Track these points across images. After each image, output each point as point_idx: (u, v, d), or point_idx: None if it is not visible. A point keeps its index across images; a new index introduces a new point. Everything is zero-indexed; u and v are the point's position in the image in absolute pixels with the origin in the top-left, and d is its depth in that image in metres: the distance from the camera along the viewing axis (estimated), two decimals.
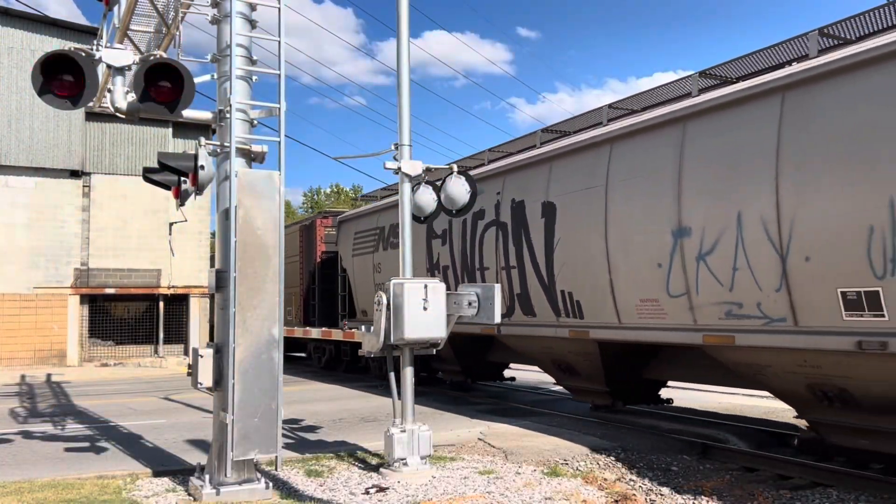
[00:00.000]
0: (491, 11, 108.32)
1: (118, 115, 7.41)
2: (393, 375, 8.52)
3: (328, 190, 70.10)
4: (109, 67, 7.28)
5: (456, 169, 9.24)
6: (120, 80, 7.29)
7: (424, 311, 8.27)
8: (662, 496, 7.51)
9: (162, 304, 26.67)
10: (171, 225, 26.38)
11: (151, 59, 6.95)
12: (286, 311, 16.95)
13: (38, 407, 14.40)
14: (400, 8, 8.79)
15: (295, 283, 22.03)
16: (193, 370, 7.32)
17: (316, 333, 19.73)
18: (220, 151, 7.48)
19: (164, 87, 6.94)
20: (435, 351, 8.71)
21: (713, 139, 8.61)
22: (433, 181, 9.50)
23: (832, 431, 8.17)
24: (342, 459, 9.02)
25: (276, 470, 7.90)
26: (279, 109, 7.43)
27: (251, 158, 7.59)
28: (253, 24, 7.67)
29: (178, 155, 8.00)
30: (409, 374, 8.55)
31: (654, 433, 10.59)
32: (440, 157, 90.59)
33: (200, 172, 7.17)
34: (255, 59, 7.64)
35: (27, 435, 10.84)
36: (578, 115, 11.80)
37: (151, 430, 11.15)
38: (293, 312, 22.38)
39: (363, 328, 8.72)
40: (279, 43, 7.51)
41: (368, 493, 7.48)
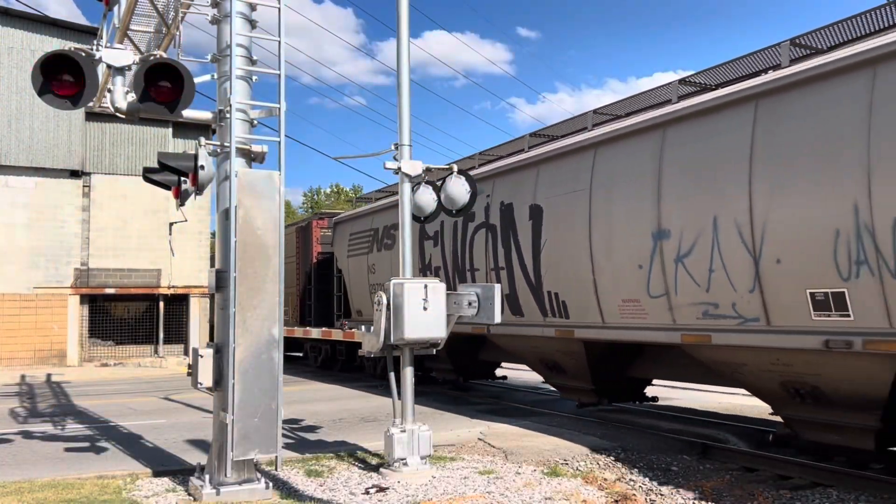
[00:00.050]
0: (491, 11, 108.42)
1: (118, 115, 7.42)
2: (393, 375, 8.52)
3: (328, 190, 70.14)
4: (109, 67, 7.28)
5: (456, 169, 9.25)
6: (120, 80, 7.30)
7: (424, 311, 8.27)
8: (662, 496, 7.51)
9: (162, 304, 26.67)
10: (171, 225, 26.39)
11: (151, 59, 6.96)
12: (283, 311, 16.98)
13: (38, 407, 14.40)
14: (400, 8, 8.80)
15: (291, 283, 22.07)
16: (193, 370, 7.32)
17: (316, 333, 19.75)
18: (220, 151, 7.48)
19: (164, 87, 6.94)
20: (435, 351, 8.72)
21: (691, 145, 8.83)
22: (433, 181, 9.50)
23: (805, 427, 8.38)
24: (342, 459, 9.03)
25: (276, 470, 7.91)
26: (279, 109, 7.43)
27: (251, 158, 7.59)
28: (253, 24, 7.67)
29: (178, 155, 8.00)
30: (409, 374, 8.55)
31: (654, 433, 10.60)
32: (440, 157, 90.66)
33: (200, 172, 7.17)
34: (255, 59, 7.65)
35: (27, 435, 10.84)
36: (565, 120, 12.06)
37: (151, 430, 11.15)
38: (290, 312, 22.41)
39: (363, 328, 8.72)
40: (279, 43, 7.52)
41: (368, 493, 7.48)
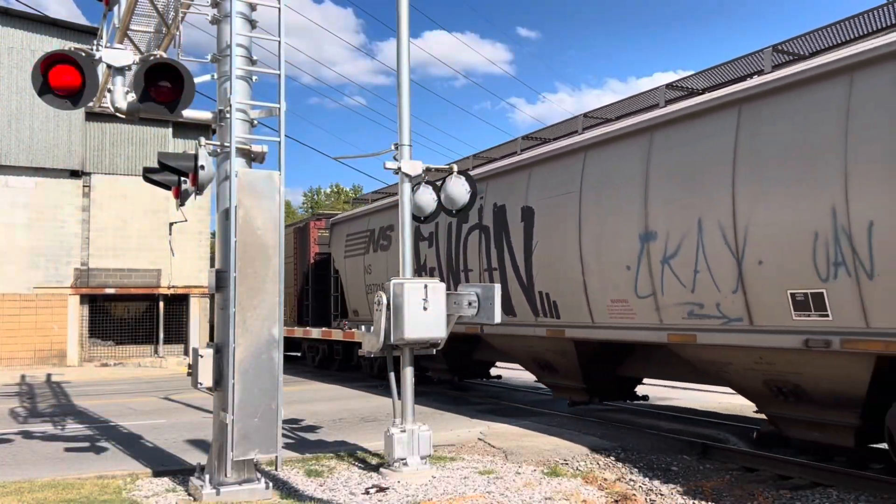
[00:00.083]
0: (491, 11, 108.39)
1: (118, 115, 7.41)
2: (393, 375, 8.52)
3: (328, 190, 70.06)
4: (109, 67, 7.28)
5: (456, 169, 9.25)
6: (120, 80, 7.30)
7: (424, 311, 8.27)
8: (662, 496, 7.51)
9: (162, 304, 26.67)
10: (171, 225, 26.40)
11: (151, 59, 6.96)
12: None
13: (38, 407, 14.40)
14: (400, 8, 8.80)
15: (289, 283, 22.13)
16: (193, 370, 7.32)
17: (316, 333, 19.77)
18: (220, 151, 7.48)
19: (164, 87, 6.94)
20: (435, 351, 8.71)
21: (677, 148, 9.03)
22: (433, 181, 9.50)
23: (788, 425, 8.57)
24: (342, 459, 9.03)
25: (276, 470, 7.91)
26: (279, 109, 7.43)
27: (251, 158, 7.59)
28: (253, 24, 7.67)
29: (178, 155, 8.00)
30: (409, 374, 8.55)
31: (654, 433, 10.60)
32: (440, 157, 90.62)
33: (200, 172, 7.17)
34: (255, 59, 7.64)
35: (27, 435, 10.84)
36: (556, 123, 12.27)
37: (151, 430, 11.15)
38: (287, 312, 22.46)
39: (363, 328, 8.72)
40: (279, 43, 7.52)
41: (368, 493, 7.48)
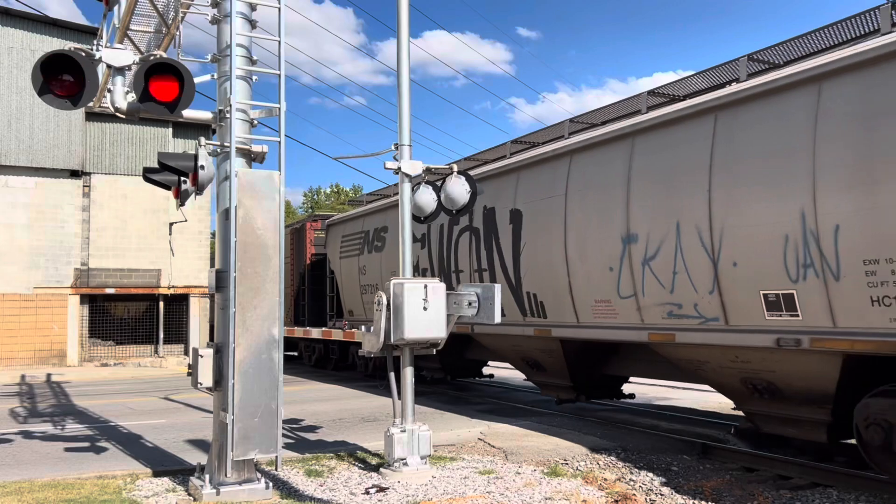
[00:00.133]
0: (491, 11, 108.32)
1: (118, 115, 7.41)
2: (393, 375, 8.52)
3: (328, 190, 70.04)
4: (109, 67, 7.28)
5: (456, 169, 9.25)
6: (120, 80, 7.29)
7: (424, 311, 8.28)
8: (662, 496, 7.51)
9: (162, 304, 26.67)
10: (171, 225, 26.41)
11: (151, 59, 6.96)
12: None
13: (38, 407, 14.40)
14: (400, 8, 8.79)
15: (286, 283, 22.15)
16: (193, 370, 7.32)
17: (316, 333, 19.81)
18: (220, 151, 7.48)
19: (164, 87, 6.93)
20: (435, 351, 8.71)
21: (657, 154, 9.34)
22: (433, 181, 9.50)
23: (765, 421, 8.82)
24: (342, 459, 9.03)
25: (276, 470, 7.91)
26: (279, 109, 7.43)
27: (251, 158, 7.59)
28: (253, 24, 7.67)
29: (178, 155, 8.00)
30: (409, 374, 8.55)
31: (654, 433, 10.60)
32: (440, 157, 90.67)
33: (200, 172, 7.16)
34: (255, 59, 7.64)
35: (27, 435, 10.84)
36: (544, 127, 12.58)
37: (151, 430, 11.15)
38: (284, 312, 22.57)
39: (363, 328, 8.72)
40: (279, 43, 7.51)
41: (368, 493, 7.48)
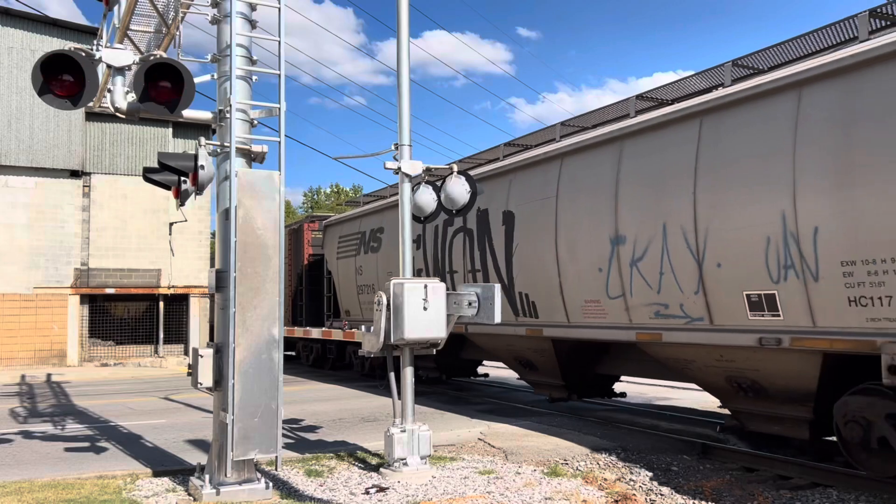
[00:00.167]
0: (491, 11, 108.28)
1: (118, 115, 7.41)
2: (392, 375, 8.52)
3: (328, 190, 70.01)
4: (109, 67, 7.27)
5: (456, 169, 9.25)
6: (120, 80, 7.29)
7: (424, 311, 8.27)
8: (662, 496, 7.51)
9: (162, 304, 26.67)
10: (171, 225, 26.40)
11: (151, 59, 6.95)
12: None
13: (38, 407, 14.40)
14: (400, 8, 8.79)
15: (284, 284, 22.28)
16: (193, 370, 7.32)
17: (316, 333, 19.82)
18: (220, 151, 7.48)
19: (164, 87, 6.94)
20: (435, 351, 8.71)
21: (645, 157, 9.55)
22: (433, 181, 9.50)
23: (750, 419, 9.00)
24: (342, 459, 9.03)
25: (276, 470, 7.91)
26: (279, 109, 7.43)
27: (251, 158, 7.59)
28: (253, 24, 7.66)
29: (178, 155, 8.00)
30: (409, 374, 8.55)
31: (654, 433, 10.61)
32: (440, 157, 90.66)
33: (200, 172, 7.16)
34: (255, 59, 7.64)
35: (27, 435, 10.84)
36: (536, 130, 12.85)
37: (151, 430, 11.15)
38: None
39: (363, 328, 8.72)
40: (279, 43, 7.51)
41: (368, 493, 7.48)
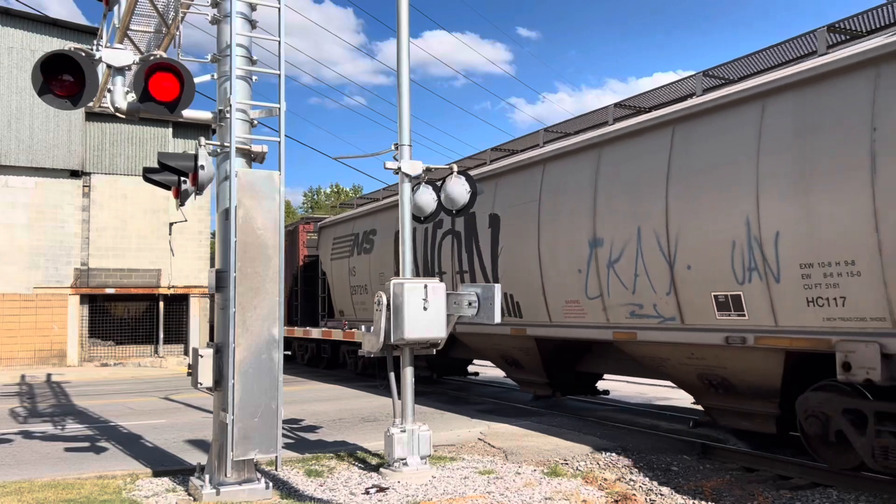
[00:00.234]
0: (491, 11, 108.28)
1: (118, 115, 7.40)
2: (392, 375, 8.51)
3: (328, 190, 69.97)
4: (109, 67, 7.27)
5: (456, 169, 9.25)
6: (120, 80, 7.29)
7: (424, 311, 8.27)
8: (662, 496, 7.51)
9: (162, 304, 26.66)
10: (171, 225, 26.40)
11: (151, 59, 6.95)
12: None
13: (38, 407, 14.40)
14: (400, 8, 8.79)
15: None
16: (193, 370, 7.32)
17: (317, 333, 19.84)
18: (220, 151, 7.48)
19: (162, 86, 6.92)
20: (435, 351, 8.71)
21: (621, 164, 9.94)
22: (433, 181, 9.50)
23: (721, 415, 9.35)
24: (342, 459, 9.03)
25: (276, 470, 7.91)
26: (279, 109, 7.42)
27: (251, 158, 7.59)
28: (253, 24, 7.66)
29: (178, 155, 7.99)
30: (409, 374, 8.55)
31: (654, 433, 10.60)
32: (440, 157, 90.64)
33: (200, 172, 7.16)
34: (255, 59, 7.64)
35: (27, 435, 10.84)
36: (520, 136, 13.18)
37: (151, 430, 11.15)
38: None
39: (363, 328, 8.71)
40: (279, 43, 7.51)
41: (368, 493, 7.48)
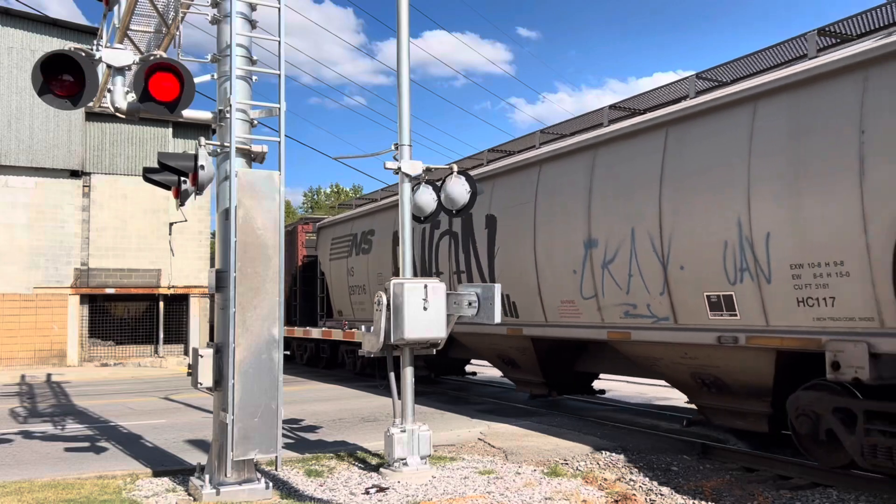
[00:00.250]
0: (491, 11, 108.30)
1: (118, 115, 7.40)
2: (392, 375, 8.51)
3: (328, 190, 69.97)
4: (109, 67, 7.27)
5: (456, 169, 9.24)
6: (120, 80, 7.29)
7: (424, 311, 8.26)
8: (662, 496, 7.51)
9: (162, 304, 26.66)
10: (171, 225, 26.40)
11: (151, 59, 6.95)
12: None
13: (38, 407, 14.40)
14: (400, 8, 8.79)
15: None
16: (193, 370, 7.32)
17: (317, 333, 19.84)
18: (220, 151, 7.48)
19: (163, 86, 6.93)
20: (435, 351, 8.71)
21: (616, 165, 10.03)
22: (433, 181, 9.50)
23: (714, 414, 9.44)
24: (342, 459, 9.03)
25: (276, 470, 7.91)
26: (279, 109, 7.42)
27: (251, 158, 7.59)
28: (253, 24, 7.66)
29: (178, 155, 7.99)
30: (409, 374, 8.54)
31: (654, 433, 10.60)
32: (440, 157, 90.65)
33: (200, 172, 7.16)
34: (255, 59, 7.63)
35: (27, 435, 10.84)
36: (517, 137, 13.35)
37: (151, 430, 11.15)
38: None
39: (363, 328, 8.71)
40: (279, 43, 7.51)
41: (368, 493, 7.48)
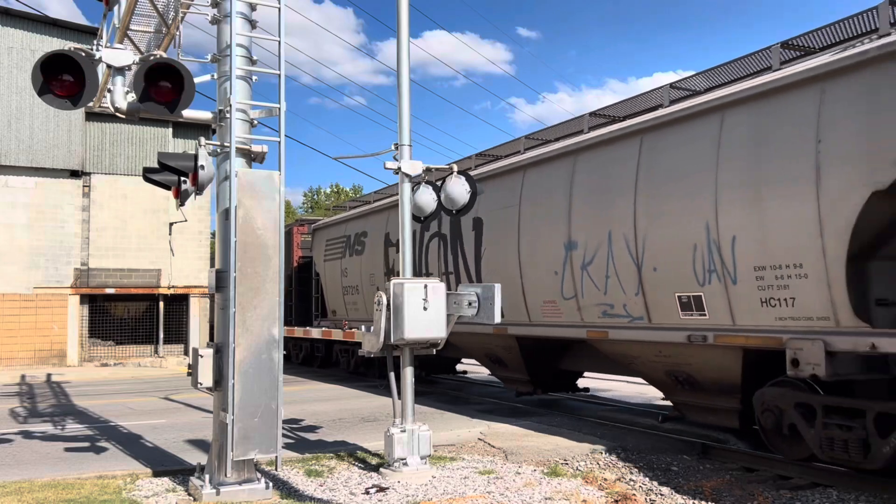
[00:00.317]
0: (491, 11, 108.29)
1: (118, 115, 7.41)
2: (392, 375, 8.51)
3: (328, 190, 69.95)
4: (109, 67, 7.27)
5: (456, 169, 9.24)
6: (120, 80, 7.29)
7: (424, 311, 8.26)
8: (662, 496, 7.51)
9: (162, 304, 26.66)
10: (171, 225, 26.40)
11: (151, 59, 6.95)
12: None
13: (38, 407, 14.40)
14: (400, 8, 8.79)
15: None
16: (193, 370, 7.32)
17: (317, 333, 19.83)
18: (220, 151, 7.48)
19: (164, 87, 6.94)
20: (435, 351, 8.70)
21: (594, 171, 10.41)
22: (433, 181, 9.49)
23: (688, 410, 9.75)
24: (342, 459, 9.03)
25: (276, 470, 7.91)
26: (279, 109, 7.42)
27: (251, 158, 7.59)
28: (253, 24, 7.66)
29: (178, 155, 7.99)
30: (409, 374, 8.54)
31: (654, 433, 10.60)
32: (440, 157, 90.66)
33: (200, 172, 7.16)
34: (255, 59, 7.63)
35: (27, 435, 10.84)
36: (503, 143, 13.83)
37: (151, 430, 11.15)
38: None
39: (363, 328, 8.71)
40: (279, 43, 7.51)
41: (368, 493, 7.48)
